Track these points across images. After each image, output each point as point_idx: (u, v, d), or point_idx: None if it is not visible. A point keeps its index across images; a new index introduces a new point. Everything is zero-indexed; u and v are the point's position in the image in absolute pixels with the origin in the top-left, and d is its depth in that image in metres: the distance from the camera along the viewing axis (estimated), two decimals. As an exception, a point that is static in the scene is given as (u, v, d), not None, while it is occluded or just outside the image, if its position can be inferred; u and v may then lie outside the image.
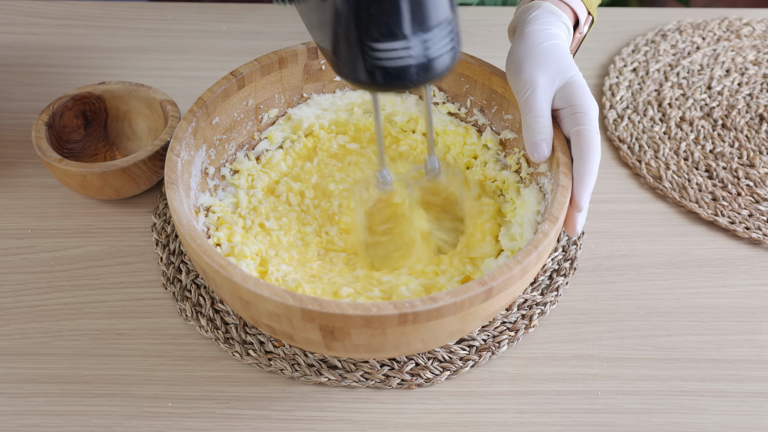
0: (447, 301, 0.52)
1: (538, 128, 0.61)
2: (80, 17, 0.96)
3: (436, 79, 0.50)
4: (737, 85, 0.90)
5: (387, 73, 0.49)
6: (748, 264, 0.73)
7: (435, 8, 0.48)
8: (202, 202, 0.66)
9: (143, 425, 0.61)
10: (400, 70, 0.49)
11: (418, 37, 0.48)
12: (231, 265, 0.54)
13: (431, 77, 0.50)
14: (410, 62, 0.48)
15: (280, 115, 0.73)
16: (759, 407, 0.63)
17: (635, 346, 0.67)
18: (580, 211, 0.60)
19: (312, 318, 0.53)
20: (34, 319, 0.68)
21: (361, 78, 0.49)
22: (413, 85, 0.50)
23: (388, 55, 0.48)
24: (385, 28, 0.47)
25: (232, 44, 0.93)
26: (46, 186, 0.78)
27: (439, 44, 0.49)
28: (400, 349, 0.57)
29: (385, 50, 0.48)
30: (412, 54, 0.48)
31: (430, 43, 0.49)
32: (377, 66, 0.48)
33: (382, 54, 0.48)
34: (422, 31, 0.48)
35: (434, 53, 0.49)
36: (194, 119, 0.64)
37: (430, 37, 0.48)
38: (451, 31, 0.50)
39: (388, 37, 0.47)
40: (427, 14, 0.48)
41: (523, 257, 0.55)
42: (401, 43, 0.48)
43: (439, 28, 0.49)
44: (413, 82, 0.49)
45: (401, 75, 0.49)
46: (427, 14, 0.48)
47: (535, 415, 0.62)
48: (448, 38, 0.50)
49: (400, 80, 0.49)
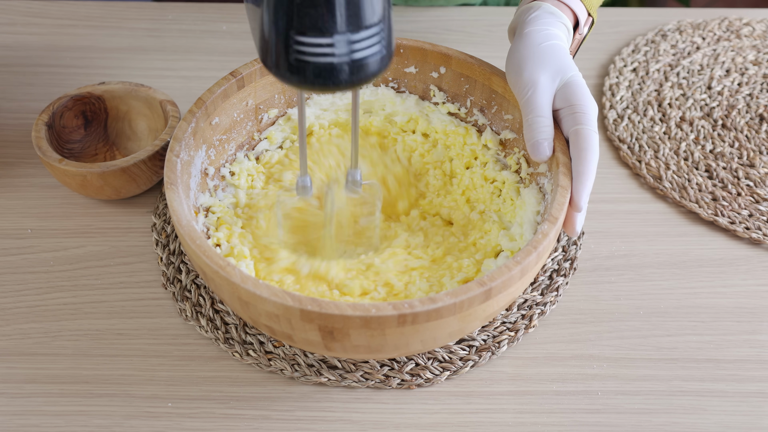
0: (446, 301, 0.52)
1: (539, 128, 0.61)
2: (80, 17, 0.96)
3: (363, 82, 0.49)
4: (737, 85, 0.89)
5: (310, 69, 0.47)
6: (748, 264, 0.73)
7: (364, 9, 0.47)
8: (201, 203, 0.66)
9: (143, 425, 0.61)
10: (323, 68, 0.47)
11: (343, 36, 0.47)
12: (230, 265, 0.54)
13: (358, 79, 0.48)
14: (333, 61, 0.47)
15: (280, 115, 0.73)
16: (759, 407, 0.63)
17: (635, 346, 0.67)
18: (580, 211, 0.60)
19: (311, 319, 0.53)
20: (34, 319, 0.68)
21: (285, 73, 0.48)
22: (336, 86, 0.48)
23: (312, 50, 0.47)
24: (310, 21, 0.46)
25: (232, 44, 0.93)
26: (46, 186, 0.78)
27: (367, 47, 0.48)
28: (400, 350, 0.57)
29: (309, 44, 0.47)
30: (336, 53, 0.47)
31: (356, 45, 0.47)
32: (300, 60, 0.47)
33: (305, 48, 0.47)
34: (349, 30, 0.47)
35: (360, 55, 0.48)
36: (194, 120, 0.64)
37: (358, 38, 0.47)
38: (380, 34, 0.49)
39: (313, 32, 0.46)
40: (356, 14, 0.46)
41: (523, 258, 0.55)
42: (326, 39, 0.46)
43: (368, 30, 0.47)
44: (337, 82, 0.48)
45: (323, 73, 0.47)
46: (356, 14, 0.46)
47: (535, 415, 0.62)
48: (378, 42, 0.48)
49: (322, 79, 0.48)
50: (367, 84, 0.50)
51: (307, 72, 0.48)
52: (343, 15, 0.46)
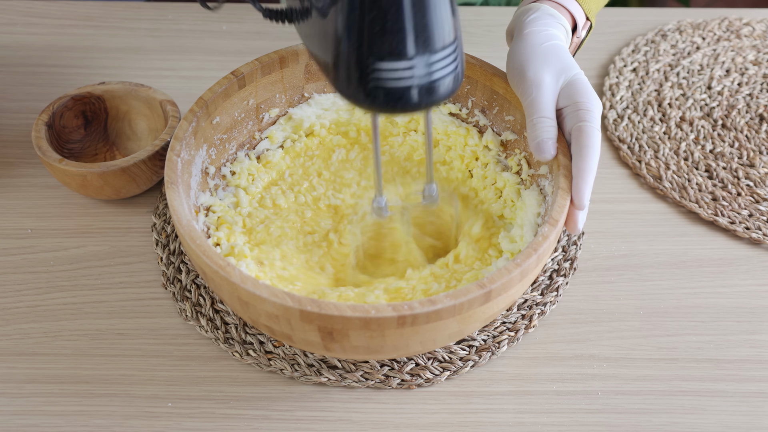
0: (446, 303, 0.52)
1: (544, 127, 0.61)
2: (80, 17, 0.96)
3: (438, 102, 0.49)
4: (737, 85, 0.90)
5: (388, 94, 0.47)
6: (748, 264, 0.73)
7: (440, 29, 0.47)
8: (202, 202, 0.66)
9: (143, 425, 0.61)
10: (401, 92, 0.47)
11: (422, 58, 0.47)
12: (230, 265, 0.54)
13: (433, 100, 0.49)
14: (413, 83, 0.47)
15: (281, 114, 0.73)
16: (759, 407, 0.63)
17: (635, 346, 0.67)
18: (582, 208, 0.59)
19: (311, 319, 0.53)
20: (34, 319, 0.68)
21: (361, 98, 0.48)
22: (414, 109, 0.48)
23: (391, 75, 0.47)
24: (388, 47, 0.46)
25: (232, 44, 0.93)
26: (46, 186, 0.78)
27: (443, 66, 0.48)
28: (399, 351, 0.57)
29: (388, 70, 0.46)
30: (415, 75, 0.47)
31: (434, 66, 0.47)
32: (378, 86, 0.47)
33: (384, 74, 0.47)
34: (427, 52, 0.47)
35: (437, 75, 0.48)
36: (195, 119, 0.64)
37: (434, 58, 0.47)
38: (455, 53, 0.49)
39: (392, 57, 0.46)
40: (432, 35, 0.47)
41: (523, 260, 0.55)
42: (405, 63, 0.46)
43: (444, 51, 0.47)
44: (414, 104, 0.48)
45: (402, 97, 0.47)
46: (432, 35, 0.47)
47: (535, 415, 0.62)
48: (452, 60, 0.48)
49: (401, 102, 0.48)
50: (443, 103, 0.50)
51: (385, 96, 0.47)
52: (421, 38, 0.46)
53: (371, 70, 0.47)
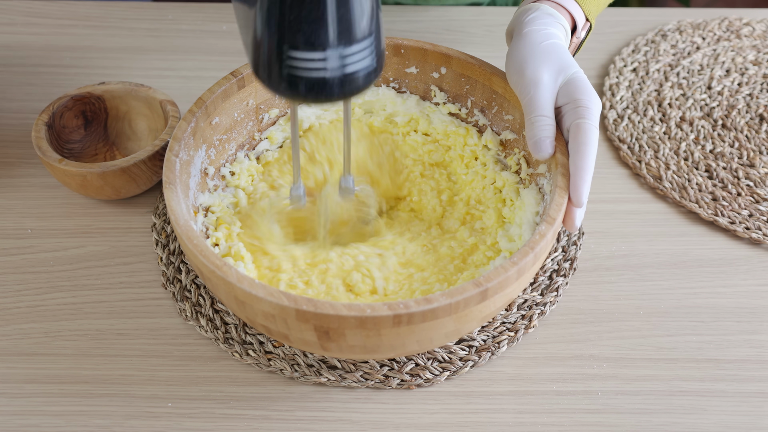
0: (442, 302, 0.52)
1: (542, 126, 0.61)
2: (80, 17, 0.96)
3: (352, 95, 0.50)
4: (737, 85, 0.89)
5: (302, 83, 0.48)
6: (748, 264, 0.73)
7: (356, 23, 0.48)
8: (201, 202, 0.66)
9: (143, 425, 0.61)
10: (315, 82, 0.48)
11: (335, 51, 0.47)
12: (227, 265, 0.54)
13: (347, 92, 0.49)
14: (326, 75, 0.48)
15: (281, 115, 0.73)
16: (759, 407, 0.63)
17: (635, 346, 0.67)
18: (580, 206, 0.59)
19: (307, 319, 0.53)
20: (34, 319, 0.68)
21: (277, 86, 0.49)
22: (328, 99, 0.49)
23: (304, 65, 0.48)
24: (303, 37, 0.47)
25: (232, 44, 0.93)
26: (46, 186, 0.78)
27: (358, 60, 0.49)
28: (396, 350, 0.57)
29: (302, 59, 0.47)
30: (328, 67, 0.48)
31: (348, 58, 0.48)
32: (293, 75, 0.48)
33: (299, 63, 0.48)
34: (341, 44, 0.47)
35: (351, 69, 0.49)
36: (194, 119, 0.64)
37: (349, 51, 0.48)
38: (371, 47, 0.49)
39: (306, 47, 0.47)
40: (347, 28, 0.47)
41: (520, 259, 0.55)
42: (318, 54, 0.47)
43: (359, 44, 0.48)
44: (328, 95, 0.49)
45: (315, 87, 0.48)
46: (347, 28, 0.47)
47: (535, 415, 0.62)
48: (368, 55, 0.49)
49: (313, 92, 0.49)
50: (357, 96, 0.51)
51: (299, 85, 0.49)
52: (335, 30, 0.47)
53: (286, 58, 0.48)
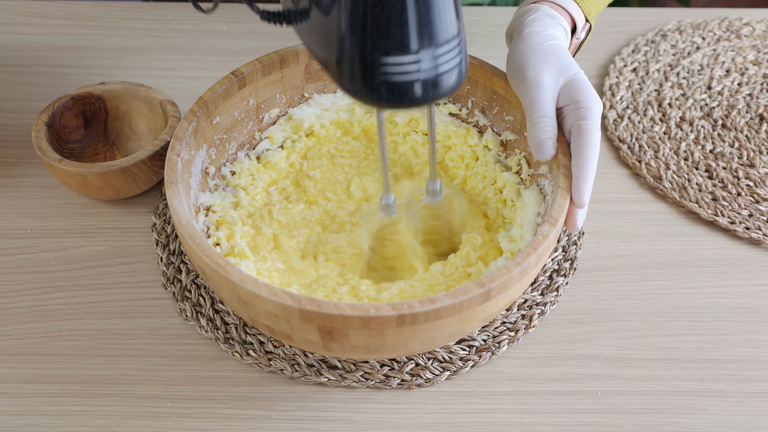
0: (445, 302, 0.52)
1: (543, 127, 0.61)
2: (80, 17, 0.96)
3: (444, 96, 0.50)
4: (737, 85, 0.90)
5: (394, 88, 0.48)
6: (748, 264, 0.73)
7: (444, 23, 0.47)
8: (202, 202, 0.66)
9: (143, 425, 0.61)
10: (408, 86, 0.47)
11: (427, 52, 0.47)
12: (229, 264, 0.54)
13: (438, 94, 0.49)
14: (419, 77, 0.47)
15: (281, 114, 0.73)
16: (759, 407, 0.63)
17: (635, 346, 0.67)
18: (582, 206, 0.59)
19: (310, 318, 0.53)
20: (34, 319, 0.68)
21: (367, 94, 0.48)
22: (420, 103, 0.49)
23: (397, 69, 0.47)
24: (394, 41, 0.46)
25: (232, 44, 0.93)
26: (46, 186, 0.78)
27: (448, 60, 0.48)
28: (399, 350, 0.57)
29: (394, 65, 0.47)
30: (421, 69, 0.47)
31: (439, 59, 0.48)
32: (384, 81, 0.47)
33: (391, 69, 0.47)
34: (432, 45, 0.47)
35: (442, 69, 0.48)
36: (195, 119, 0.64)
37: (439, 52, 0.48)
38: (459, 47, 0.49)
39: (398, 51, 0.46)
40: (436, 28, 0.47)
41: (522, 259, 0.55)
42: (411, 57, 0.47)
43: (448, 44, 0.48)
44: (420, 99, 0.48)
45: (409, 91, 0.48)
46: (436, 28, 0.47)
47: (535, 415, 0.62)
48: (456, 54, 0.49)
49: (407, 97, 0.48)
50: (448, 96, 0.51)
51: (391, 91, 0.48)
52: (425, 31, 0.47)
53: (377, 65, 0.47)
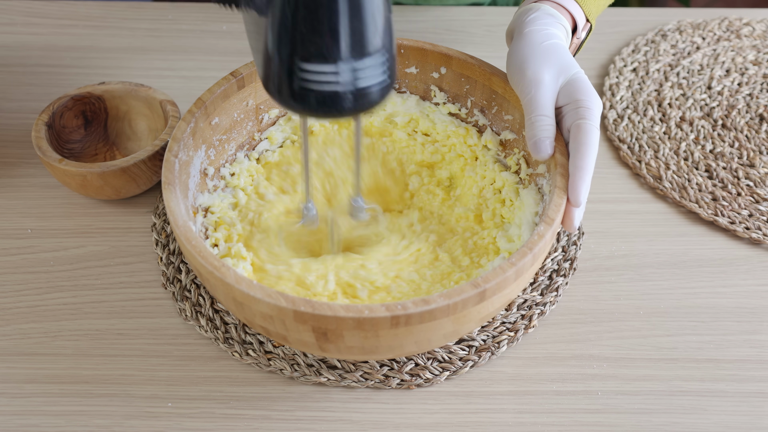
0: (439, 303, 0.52)
1: (542, 126, 0.61)
2: (80, 17, 0.96)
3: (364, 110, 0.49)
4: (737, 85, 0.89)
5: (314, 97, 0.47)
6: (748, 264, 0.73)
7: (370, 35, 0.47)
8: (200, 203, 0.66)
9: (143, 425, 0.61)
10: (326, 96, 0.47)
11: (347, 64, 0.47)
12: (225, 266, 0.54)
13: (360, 108, 0.48)
14: (338, 89, 0.47)
15: (281, 115, 0.73)
16: (759, 407, 0.63)
17: (635, 346, 0.67)
18: (578, 206, 0.59)
19: (304, 320, 0.53)
20: (34, 319, 0.68)
21: (288, 100, 0.48)
22: (340, 114, 0.48)
23: (316, 77, 0.47)
24: (315, 48, 0.46)
25: (232, 44, 0.93)
26: (46, 186, 0.78)
27: (371, 75, 0.48)
28: (394, 351, 0.56)
29: (313, 72, 0.47)
30: (340, 81, 0.47)
31: (360, 73, 0.47)
32: (303, 88, 0.47)
33: (310, 76, 0.47)
34: (353, 58, 0.47)
35: (364, 83, 0.48)
36: (193, 120, 0.64)
37: (362, 65, 0.47)
38: (385, 63, 0.48)
39: (317, 59, 0.46)
40: (360, 41, 0.46)
41: (518, 259, 0.55)
42: (330, 67, 0.46)
43: (372, 58, 0.47)
44: (340, 109, 0.48)
45: (327, 101, 0.47)
46: (360, 41, 0.46)
47: (535, 415, 0.62)
48: (381, 70, 0.48)
49: (325, 107, 0.48)
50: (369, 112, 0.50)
51: (310, 99, 0.47)
52: (347, 42, 0.46)
53: (297, 70, 0.47)
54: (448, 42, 0.93)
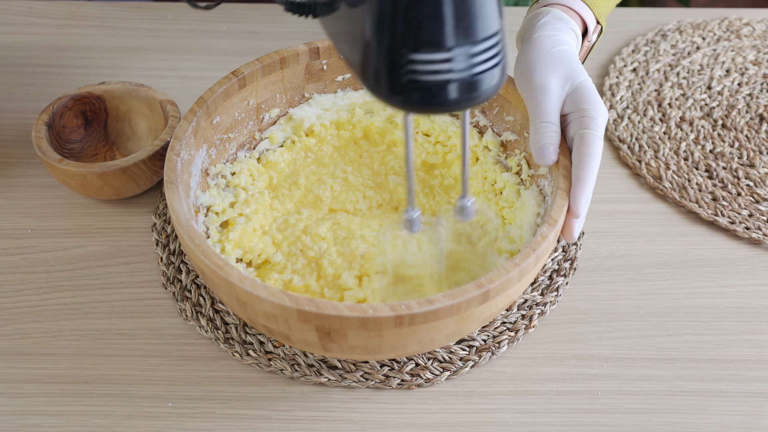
0: (443, 303, 0.52)
1: (546, 132, 0.61)
2: (80, 17, 0.96)
3: (480, 100, 0.44)
4: (737, 85, 0.90)
5: (423, 89, 0.42)
6: (748, 264, 0.73)
7: (484, 16, 0.42)
8: (202, 202, 0.66)
9: (143, 425, 0.61)
10: (438, 87, 0.42)
11: (462, 50, 0.42)
12: (228, 265, 0.54)
13: (474, 98, 0.43)
14: (451, 77, 0.42)
15: (282, 114, 0.73)
16: (759, 407, 0.63)
17: (635, 346, 0.67)
18: (578, 217, 0.59)
19: (308, 319, 0.53)
20: (34, 319, 0.68)
21: (393, 95, 0.43)
22: (452, 107, 0.43)
23: (427, 68, 0.42)
24: (425, 35, 0.41)
25: (232, 44, 0.93)
26: (46, 186, 0.78)
27: (485, 59, 0.43)
28: (397, 351, 0.57)
29: (424, 62, 0.42)
30: (454, 68, 0.42)
31: (475, 58, 0.42)
32: (413, 80, 0.42)
33: (420, 67, 0.42)
34: (468, 42, 0.42)
35: (479, 69, 0.43)
36: (195, 119, 0.64)
37: (476, 50, 0.42)
38: (499, 45, 0.44)
39: (429, 48, 0.41)
40: (473, 24, 0.42)
41: (521, 260, 0.55)
42: (443, 55, 0.42)
43: (487, 41, 0.42)
44: (453, 102, 0.43)
45: (439, 93, 0.42)
46: (473, 24, 0.42)
47: (535, 415, 0.62)
48: (495, 53, 0.43)
49: (437, 99, 0.43)
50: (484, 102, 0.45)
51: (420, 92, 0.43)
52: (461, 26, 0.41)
53: (405, 62, 0.42)
54: (448, 42, 0.93)
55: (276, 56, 0.69)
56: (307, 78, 0.72)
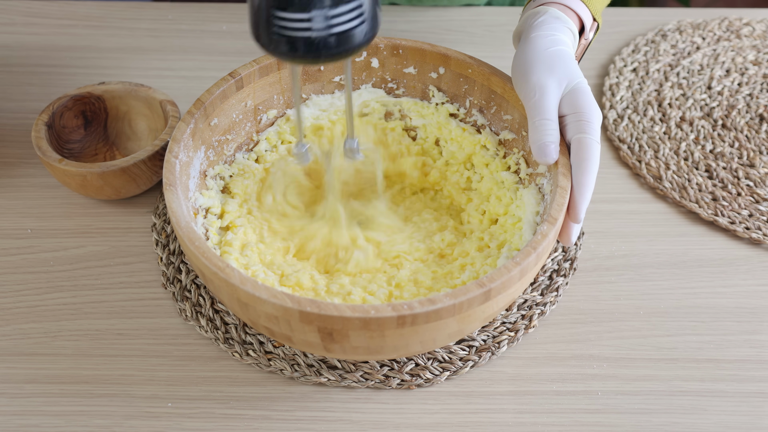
0: (445, 303, 0.52)
1: (546, 130, 0.61)
2: (80, 17, 0.96)
3: (342, 57, 0.51)
4: (737, 85, 0.89)
5: (288, 42, 0.50)
6: (748, 264, 0.73)
7: None
8: (200, 204, 0.66)
9: (143, 425, 0.61)
10: (301, 42, 0.50)
11: (320, 12, 0.49)
12: (229, 266, 0.54)
13: (334, 54, 0.51)
14: (311, 35, 0.49)
15: (279, 116, 0.73)
16: (759, 407, 0.63)
17: (635, 346, 0.67)
18: (578, 222, 0.59)
19: (310, 320, 0.53)
20: (34, 319, 0.68)
21: (269, 45, 0.51)
22: (316, 59, 0.51)
23: (289, 24, 0.49)
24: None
25: (232, 44, 0.93)
26: (46, 186, 0.78)
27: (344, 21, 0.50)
28: (399, 351, 0.57)
29: (286, 19, 0.49)
30: (313, 27, 0.49)
31: (335, 20, 0.49)
32: (281, 34, 0.50)
33: (284, 23, 0.49)
34: (325, 6, 0.49)
35: (338, 29, 0.50)
36: (192, 121, 0.64)
37: (335, 12, 0.49)
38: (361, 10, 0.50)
39: (290, 8, 0.49)
40: None
41: (522, 259, 0.55)
42: (302, 15, 0.49)
43: (346, 5, 0.49)
44: (315, 55, 0.50)
45: (301, 47, 0.50)
46: None
47: (535, 415, 0.63)
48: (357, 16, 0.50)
49: (300, 52, 0.50)
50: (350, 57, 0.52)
51: (287, 45, 0.50)
52: None
53: (274, 18, 0.49)
54: (447, 42, 0.93)
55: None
56: (305, 79, 0.72)
